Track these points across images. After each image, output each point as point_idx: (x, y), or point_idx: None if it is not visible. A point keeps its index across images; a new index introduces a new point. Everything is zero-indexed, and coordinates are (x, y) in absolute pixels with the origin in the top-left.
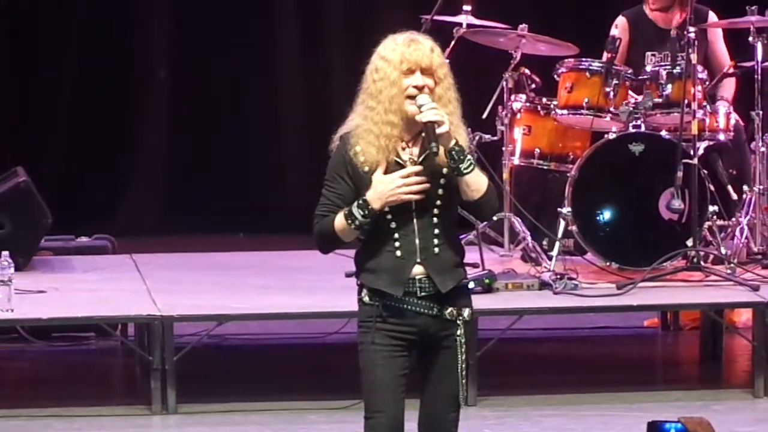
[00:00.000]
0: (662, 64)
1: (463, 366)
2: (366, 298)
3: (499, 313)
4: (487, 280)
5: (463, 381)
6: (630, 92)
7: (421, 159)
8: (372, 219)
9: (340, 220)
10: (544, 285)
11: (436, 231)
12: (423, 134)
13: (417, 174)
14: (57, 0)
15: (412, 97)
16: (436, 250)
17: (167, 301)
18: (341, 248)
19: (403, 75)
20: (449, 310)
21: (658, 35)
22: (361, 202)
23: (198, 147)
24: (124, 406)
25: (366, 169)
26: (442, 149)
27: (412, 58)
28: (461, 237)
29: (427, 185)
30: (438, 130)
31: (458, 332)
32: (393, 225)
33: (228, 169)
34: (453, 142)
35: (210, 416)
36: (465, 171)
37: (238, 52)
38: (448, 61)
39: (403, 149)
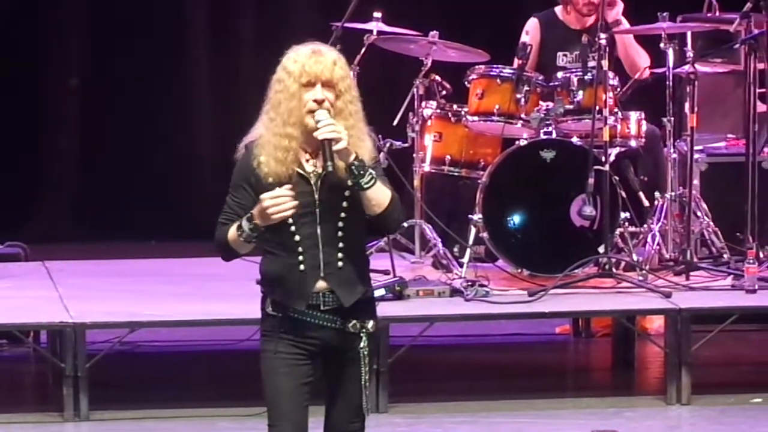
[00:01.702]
0: (573, 70)
1: (367, 378)
2: (269, 309)
3: (411, 320)
4: (398, 287)
5: (367, 392)
6: (541, 99)
7: (324, 172)
8: (259, 234)
9: (232, 231)
10: (455, 292)
11: (341, 245)
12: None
13: (291, 195)
14: None
15: (312, 112)
16: (340, 264)
17: (79, 308)
18: (241, 257)
19: (304, 88)
20: (352, 323)
21: (569, 36)
22: (249, 215)
23: (109, 154)
24: (36, 413)
25: (269, 180)
26: (342, 165)
27: (312, 71)
28: (372, 244)
29: (295, 204)
30: (335, 147)
31: (361, 345)
32: (297, 238)
33: (140, 177)
34: (353, 156)
35: (122, 423)
36: (365, 186)
37: (149, 57)
38: (358, 68)
39: (307, 161)
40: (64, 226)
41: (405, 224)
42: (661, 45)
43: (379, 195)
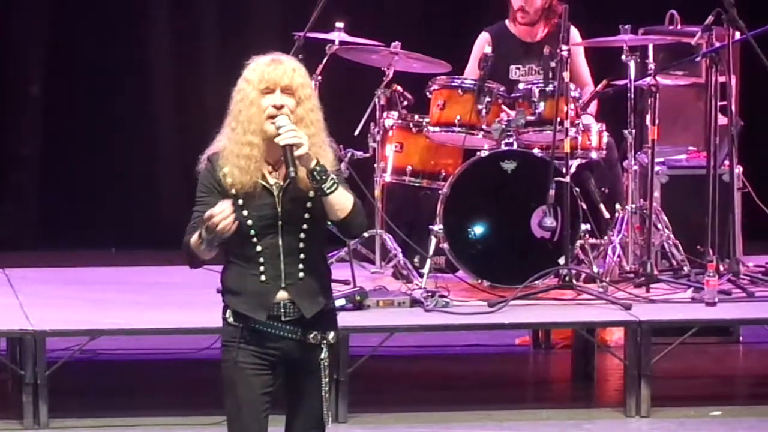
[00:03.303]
0: (534, 82)
1: (327, 389)
2: (230, 319)
3: (370, 330)
4: (358, 297)
5: (327, 403)
6: (503, 109)
7: (287, 183)
8: (216, 241)
9: (195, 237)
10: (415, 302)
11: (302, 255)
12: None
13: (232, 209)
14: None
15: (272, 117)
16: (301, 275)
17: (39, 315)
18: (205, 263)
19: (263, 94)
20: (313, 334)
21: (522, 49)
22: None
23: (70, 161)
24: None
25: (233, 191)
26: (303, 170)
27: (271, 77)
28: (332, 254)
29: (233, 220)
30: (296, 153)
31: (322, 356)
32: (258, 249)
33: (100, 184)
34: (314, 162)
35: (82, 431)
36: (328, 191)
37: (111, 65)
38: (320, 77)
39: (270, 173)
40: (25, 233)
41: (365, 234)
42: (623, 57)
43: (342, 200)
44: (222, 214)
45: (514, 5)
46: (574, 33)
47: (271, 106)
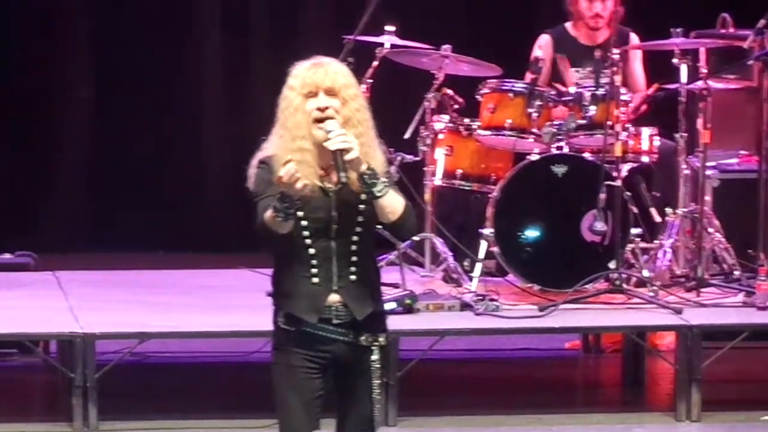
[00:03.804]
0: (586, 85)
1: (378, 391)
2: (281, 322)
3: (420, 334)
4: (408, 301)
5: (378, 406)
6: (553, 113)
7: (339, 187)
8: (291, 205)
9: (269, 212)
10: (465, 306)
11: (354, 258)
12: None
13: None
14: None
15: (319, 121)
16: (353, 277)
17: (89, 318)
18: (281, 237)
19: (307, 99)
20: (364, 336)
21: (581, 52)
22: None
23: (119, 164)
24: (45, 423)
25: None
26: (354, 175)
27: (312, 80)
28: (382, 257)
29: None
30: (346, 157)
31: (373, 358)
32: (311, 251)
33: (150, 187)
34: (364, 166)
35: None
36: (378, 194)
37: (162, 69)
38: (370, 81)
39: (323, 177)
40: (74, 235)
41: (416, 238)
42: (675, 61)
43: (393, 203)
44: (289, 170)
45: (587, 11)
46: (634, 38)
47: (315, 108)
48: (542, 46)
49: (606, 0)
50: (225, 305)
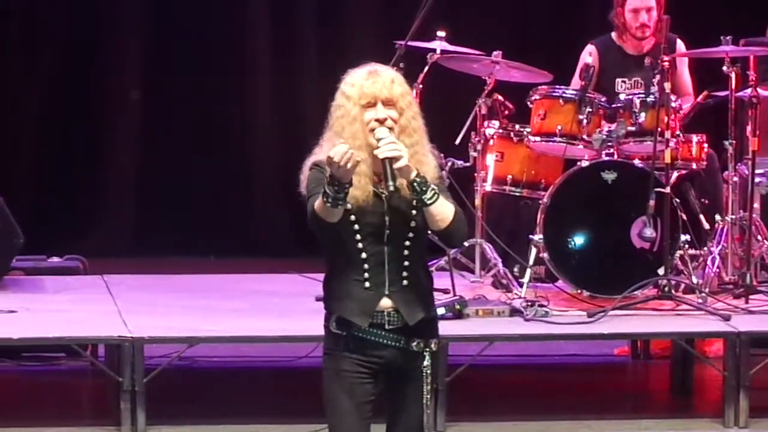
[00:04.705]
0: (636, 92)
1: (429, 396)
2: (333, 326)
3: (470, 339)
4: (457, 306)
5: (428, 411)
6: (604, 119)
7: (392, 192)
8: (342, 190)
9: (319, 200)
10: (514, 312)
11: (406, 263)
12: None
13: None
14: (25, 20)
15: (374, 130)
16: (405, 282)
17: (138, 322)
18: (332, 225)
19: (364, 109)
20: (416, 342)
21: (627, 62)
22: (328, 180)
23: (169, 168)
24: (93, 426)
25: (348, 204)
26: (404, 182)
27: (370, 92)
28: (432, 263)
29: (351, 154)
30: (395, 165)
31: (424, 363)
32: (363, 255)
33: (199, 191)
34: (414, 173)
35: None
36: (429, 202)
37: (210, 74)
38: (421, 86)
39: (377, 183)
40: (123, 239)
41: (466, 243)
42: (724, 68)
43: (443, 210)
44: (340, 150)
45: (633, 22)
46: (680, 45)
47: (373, 120)
48: (591, 54)
49: (651, 10)
50: (274, 310)
